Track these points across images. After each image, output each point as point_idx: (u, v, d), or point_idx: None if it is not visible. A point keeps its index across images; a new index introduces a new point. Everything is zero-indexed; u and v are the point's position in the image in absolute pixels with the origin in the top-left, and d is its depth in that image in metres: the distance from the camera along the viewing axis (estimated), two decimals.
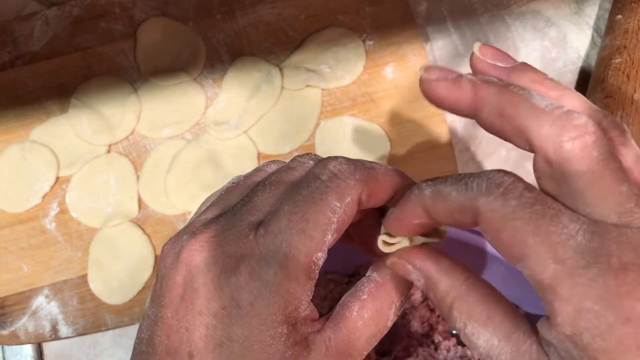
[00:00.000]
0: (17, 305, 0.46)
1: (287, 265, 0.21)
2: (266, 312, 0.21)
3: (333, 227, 0.21)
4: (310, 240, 0.21)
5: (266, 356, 0.21)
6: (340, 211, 0.21)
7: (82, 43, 0.50)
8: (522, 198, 0.18)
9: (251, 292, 0.21)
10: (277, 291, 0.21)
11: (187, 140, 0.48)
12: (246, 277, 0.21)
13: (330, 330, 0.22)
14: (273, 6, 0.50)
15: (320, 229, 0.21)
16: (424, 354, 0.38)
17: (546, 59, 0.52)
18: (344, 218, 0.22)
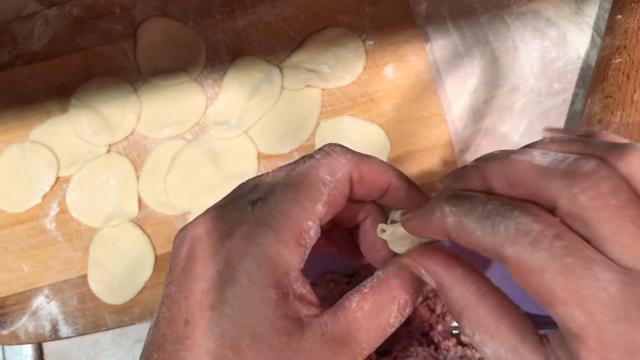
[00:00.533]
0: (17, 305, 0.46)
1: (277, 229, 0.22)
2: (255, 272, 0.21)
3: (323, 199, 0.22)
4: (301, 207, 0.22)
5: (255, 321, 0.21)
6: (330, 185, 0.22)
7: (82, 43, 0.50)
8: (552, 249, 0.18)
9: (243, 253, 0.22)
10: (267, 252, 0.21)
11: (187, 140, 0.48)
12: (239, 239, 0.22)
13: (327, 317, 0.22)
14: (273, 6, 0.50)
15: (310, 199, 0.22)
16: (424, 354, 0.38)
17: (546, 59, 0.52)
18: (335, 192, 0.23)
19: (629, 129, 0.43)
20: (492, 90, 0.51)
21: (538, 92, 0.51)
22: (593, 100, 0.46)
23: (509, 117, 0.51)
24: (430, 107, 0.48)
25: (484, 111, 0.51)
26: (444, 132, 0.48)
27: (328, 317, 0.22)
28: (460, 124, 0.50)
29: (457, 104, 0.51)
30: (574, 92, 0.51)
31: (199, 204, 0.47)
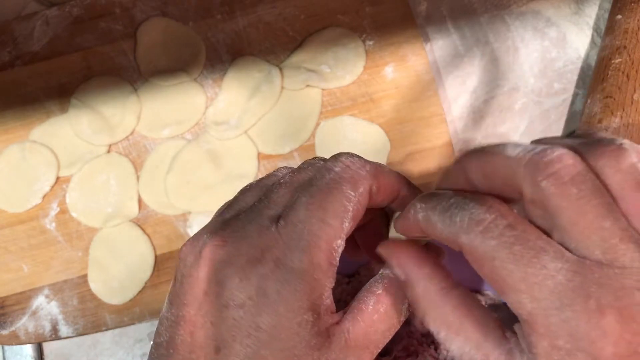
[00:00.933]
0: (17, 305, 0.46)
1: (310, 252, 0.21)
2: (293, 298, 0.21)
3: (349, 215, 0.22)
4: (330, 227, 0.22)
5: (292, 344, 0.21)
6: (354, 200, 0.22)
7: (82, 43, 0.50)
8: (502, 237, 0.18)
9: (277, 279, 0.21)
10: (303, 278, 0.21)
11: (187, 140, 0.48)
12: (271, 265, 0.21)
13: (348, 323, 0.22)
14: (273, 6, 0.50)
15: (338, 217, 0.22)
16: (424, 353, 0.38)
17: (546, 59, 0.52)
18: (358, 207, 0.22)
19: (629, 129, 0.43)
20: (492, 90, 0.51)
21: (538, 92, 0.51)
22: (593, 100, 0.46)
23: (509, 117, 0.51)
24: (430, 107, 0.48)
25: (484, 111, 0.51)
26: (444, 132, 0.48)
27: (349, 324, 0.22)
28: (460, 124, 0.50)
29: (457, 104, 0.51)
30: (574, 92, 0.51)
31: (199, 204, 0.47)
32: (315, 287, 0.22)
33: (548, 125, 0.50)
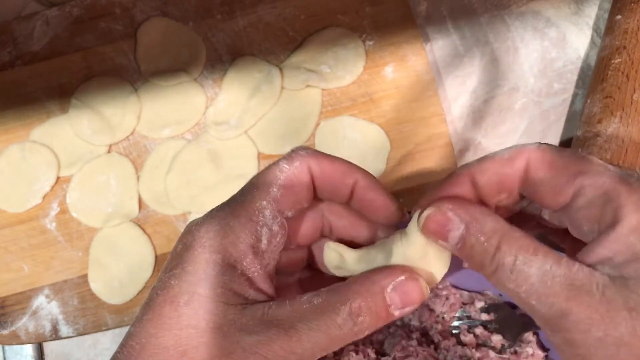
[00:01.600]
0: (17, 305, 0.46)
1: (234, 206, 0.24)
2: (206, 238, 0.24)
3: (279, 183, 0.24)
4: (256, 189, 0.25)
5: (196, 280, 0.23)
6: (287, 170, 0.25)
7: (83, 43, 0.50)
8: None
9: (203, 222, 0.24)
10: (219, 222, 0.24)
11: (187, 140, 0.48)
12: (207, 216, 0.25)
13: (274, 303, 0.23)
14: (273, 6, 0.50)
15: (266, 183, 0.25)
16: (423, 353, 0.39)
17: (546, 59, 0.52)
18: (292, 178, 0.25)
19: (629, 129, 0.43)
20: (492, 90, 0.51)
21: (538, 92, 0.51)
22: (593, 101, 0.46)
23: (509, 117, 0.51)
24: (430, 107, 0.48)
25: (484, 111, 0.51)
26: (444, 132, 0.48)
27: (274, 303, 0.23)
28: (460, 124, 0.51)
29: (457, 104, 0.51)
30: (574, 92, 0.51)
31: (199, 204, 0.47)
32: (228, 234, 0.23)
33: (548, 125, 0.51)
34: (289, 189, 0.25)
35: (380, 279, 0.23)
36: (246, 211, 0.24)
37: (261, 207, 0.24)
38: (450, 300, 0.41)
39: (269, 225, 0.24)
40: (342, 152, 0.47)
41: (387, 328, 0.41)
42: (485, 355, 0.39)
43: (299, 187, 0.25)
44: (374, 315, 0.23)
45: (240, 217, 0.24)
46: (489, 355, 0.39)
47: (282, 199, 0.24)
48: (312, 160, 0.25)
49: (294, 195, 0.25)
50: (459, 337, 0.41)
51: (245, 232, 0.24)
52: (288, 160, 0.25)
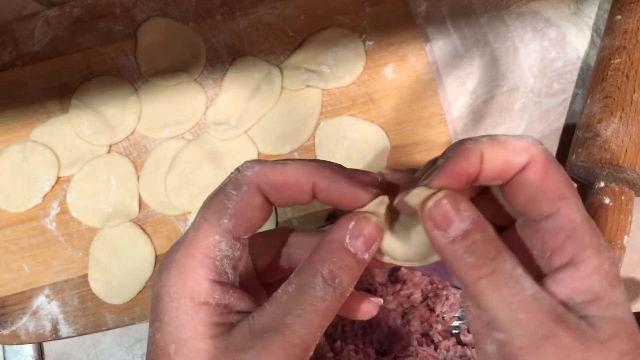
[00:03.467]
0: (17, 305, 0.46)
1: (187, 245, 0.24)
2: (171, 285, 0.23)
3: (229, 212, 0.24)
4: (207, 223, 0.24)
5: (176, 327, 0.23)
6: (236, 198, 0.24)
7: (83, 43, 0.50)
8: None
9: (162, 268, 0.24)
10: (177, 265, 0.23)
11: (187, 141, 0.48)
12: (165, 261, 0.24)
13: (255, 312, 0.23)
14: (273, 7, 0.50)
15: (215, 214, 0.24)
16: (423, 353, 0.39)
17: (545, 59, 0.52)
18: (242, 204, 0.24)
19: (629, 129, 0.43)
20: (491, 90, 0.51)
21: (537, 92, 0.51)
22: (592, 101, 0.46)
23: (509, 117, 0.51)
24: (430, 107, 0.48)
25: (484, 111, 0.51)
26: (443, 132, 0.48)
27: (255, 312, 0.23)
28: (460, 124, 0.51)
29: (457, 104, 0.51)
30: (574, 92, 0.51)
31: (199, 204, 0.46)
32: (189, 276, 0.23)
33: (547, 125, 0.51)
34: (240, 217, 0.24)
35: (334, 236, 0.23)
36: (201, 249, 0.24)
37: (215, 241, 0.24)
38: (450, 300, 0.41)
39: (228, 255, 0.24)
40: (342, 152, 0.47)
41: (387, 328, 0.41)
42: None
43: (250, 212, 0.24)
44: (347, 270, 0.23)
45: (196, 256, 0.23)
46: None
47: (236, 228, 0.24)
48: (260, 179, 0.24)
49: (248, 221, 0.24)
50: (459, 337, 0.41)
51: (204, 270, 0.23)
52: (234, 185, 0.24)
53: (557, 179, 0.23)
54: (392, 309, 0.41)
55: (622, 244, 0.44)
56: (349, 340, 0.40)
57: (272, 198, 0.25)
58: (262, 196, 0.24)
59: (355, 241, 0.23)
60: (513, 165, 0.23)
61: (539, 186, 0.23)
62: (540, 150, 0.23)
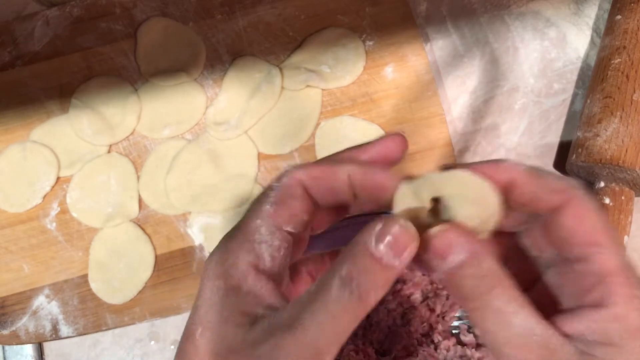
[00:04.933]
0: (17, 305, 0.46)
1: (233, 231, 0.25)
2: (210, 267, 0.24)
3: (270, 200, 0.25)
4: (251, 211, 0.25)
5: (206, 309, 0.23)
6: (278, 189, 0.25)
7: (83, 43, 0.50)
8: None
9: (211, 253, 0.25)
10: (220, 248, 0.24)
11: (187, 140, 0.48)
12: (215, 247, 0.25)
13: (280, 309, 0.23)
14: (273, 6, 0.50)
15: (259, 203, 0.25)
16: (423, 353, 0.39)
17: (546, 59, 0.52)
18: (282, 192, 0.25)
19: (629, 129, 0.43)
20: (491, 90, 0.51)
21: (538, 92, 0.51)
22: (592, 101, 0.46)
23: (509, 117, 0.51)
24: (430, 108, 0.48)
25: (484, 111, 0.51)
26: (443, 132, 0.48)
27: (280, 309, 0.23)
28: (460, 124, 0.51)
29: (457, 104, 0.51)
30: (574, 92, 0.51)
31: (199, 204, 0.47)
32: (227, 257, 0.24)
33: (547, 125, 0.51)
34: (281, 204, 0.25)
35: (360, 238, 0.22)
36: (242, 232, 0.24)
37: (256, 225, 0.24)
38: (450, 300, 0.41)
39: (268, 241, 0.24)
40: None
41: (387, 328, 0.41)
42: (485, 355, 0.39)
43: (291, 200, 0.25)
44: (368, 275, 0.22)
45: (237, 238, 0.24)
46: (488, 355, 0.39)
47: (277, 215, 0.25)
48: (300, 172, 0.25)
49: (288, 209, 0.25)
50: (459, 337, 0.41)
51: (242, 252, 0.24)
52: (277, 179, 0.25)
53: (592, 225, 0.23)
54: (392, 309, 0.41)
55: (622, 244, 0.44)
56: (349, 340, 0.40)
57: (312, 191, 0.25)
58: (302, 188, 0.25)
59: (380, 245, 0.22)
60: (545, 203, 0.23)
61: (572, 230, 0.23)
62: (577, 193, 0.23)
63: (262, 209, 0.25)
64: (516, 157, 0.50)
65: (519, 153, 0.50)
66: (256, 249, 0.24)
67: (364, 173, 0.25)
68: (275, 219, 0.24)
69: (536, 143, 0.50)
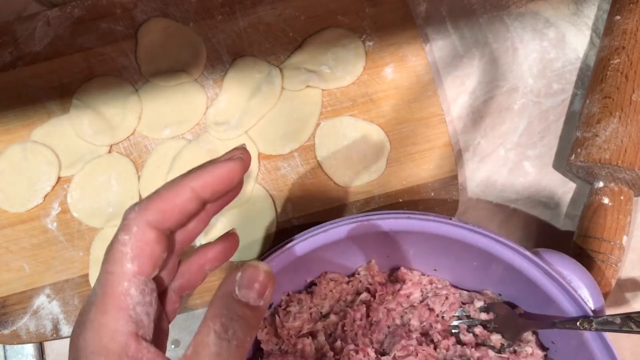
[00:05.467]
0: (18, 305, 0.46)
1: (97, 303, 0.23)
2: (84, 344, 0.23)
3: (129, 257, 0.24)
4: (111, 275, 0.24)
5: None
6: (130, 241, 0.24)
7: (83, 44, 0.50)
8: None
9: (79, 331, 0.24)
10: (91, 325, 0.23)
11: (187, 141, 0.48)
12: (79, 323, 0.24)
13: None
14: (273, 7, 0.50)
15: (116, 263, 0.24)
16: (423, 353, 0.39)
17: (545, 60, 0.52)
18: (139, 244, 0.24)
19: (627, 129, 0.44)
20: (491, 90, 0.51)
21: (537, 93, 0.51)
22: (592, 101, 0.47)
23: (508, 118, 0.51)
24: (429, 108, 0.48)
25: (483, 111, 0.51)
26: (443, 132, 0.48)
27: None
28: (459, 124, 0.51)
29: (457, 104, 0.51)
30: (573, 93, 0.51)
31: None
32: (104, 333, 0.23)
33: (547, 125, 0.51)
34: (141, 257, 0.24)
35: (224, 290, 0.23)
36: (112, 302, 0.23)
37: (123, 289, 0.23)
38: (449, 299, 0.42)
39: (140, 302, 0.24)
40: (342, 153, 0.47)
41: (387, 327, 0.41)
42: (484, 355, 0.39)
43: (149, 249, 0.24)
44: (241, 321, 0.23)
45: (109, 311, 0.23)
46: (488, 354, 0.39)
47: (141, 270, 0.24)
48: (145, 214, 0.24)
49: (150, 259, 0.24)
50: (458, 336, 0.41)
51: (119, 324, 0.23)
52: (125, 230, 0.24)
53: None
54: (392, 309, 0.41)
55: (621, 243, 0.44)
56: (349, 340, 0.40)
57: (166, 225, 0.25)
58: (155, 229, 0.24)
59: (246, 291, 0.23)
60: None
61: None
62: None
63: (123, 270, 0.24)
64: (516, 158, 0.50)
65: (518, 153, 0.50)
66: (132, 316, 0.23)
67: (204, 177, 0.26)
68: (142, 274, 0.24)
69: (535, 143, 0.50)
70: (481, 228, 0.35)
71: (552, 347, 0.39)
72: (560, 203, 0.49)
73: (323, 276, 0.42)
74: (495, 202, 0.49)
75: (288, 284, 0.41)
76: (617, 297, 0.46)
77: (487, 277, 0.39)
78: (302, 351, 0.39)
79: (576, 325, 0.34)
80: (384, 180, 0.47)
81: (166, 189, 0.25)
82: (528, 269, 0.35)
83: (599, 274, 0.43)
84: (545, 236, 0.49)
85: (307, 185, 0.47)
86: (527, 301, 0.39)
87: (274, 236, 0.46)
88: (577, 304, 0.34)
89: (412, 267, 0.43)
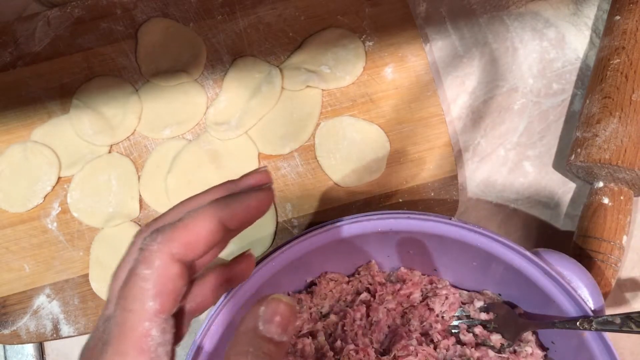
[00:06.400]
0: (18, 305, 0.46)
1: (115, 344, 0.22)
2: None
3: (150, 294, 0.22)
4: (131, 313, 0.22)
5: None
6: (153, 276, 0.22)
7: (84, 44, 0.50)
8: None
9: None
10: None
11: (187, 141, 0.48)
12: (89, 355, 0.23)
13: None
14: (273, 7, 0.50)
15: (137, 301, 0.22)
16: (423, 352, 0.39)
17: (545, 60, 0.52)
18: (162, 280, 0.22)
19: (627, 129, 0.44)
20: (491, 90, 0.51)
21: (537, 93, 0.51)
22: (592, 101, 0.47)
23: (508, 118, 0.51)
24: (429, 108, 0.48)
25: (483, 111, 0.51)
26: (443, 132, 0.48)
27: None
28: (459, 124, 0.51)
29: (456, 104, 0.51)
30: (573, 93, 0.51)
31: None
32: None
33: (547, 125, 0.51)
34: (164, 294, 0.22)
35: (248, 325, 0.22)
36: (132, 343, 0.22)
37: (145, 330, 0.22)
38: (449, 299, 0.42)
39: (162, 342, 0.22)
40: (342, 152, 0.47)
41: (387, 327, 0.41)
42: (484, 355, 0.39)
43: (172, 285, 0.23)
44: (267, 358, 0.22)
45: (129, 353, 0.22)
46: (488, 354, 0.39)
47: (163, 307, 0.22)
48: (169, 248, 0.23)
49: (173, 294, 0.23)
50: (458, 336, 0.41)
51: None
52: (146, 264, 0.22)
53: None
54: (392, 309, 0.41)
55: (621, 243, 0.44)
56: (349, 340, 0.40)
57: (190, 257, 0.23)
58: (179, 263, 0.23)
59: (269, 326, 0.22)
60: None
61: None
62: None
63: (145, 308, 0.22)
64: (516, 158, 0.50)
65: (518, 153, 0.50)
66: (153, 358, 0.22)
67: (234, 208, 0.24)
68: (163, 313, 0.22)
69: (535, 143, 0.50)
70: (481, 228, 0.35)
71: (552, 347, 0.39)
72: (560, 203, 0.49)
73: (323, 276, 0.42)
74: (495, 202, 0.49)
75: (288, 284, 0.41)
76: (617, 297, 0.46)
77: (487, 277, 0.39)
78: (302, 351, 0.39)
79: (576, 325, 0.34)
80: (384, 180, 0.47)
81: (192, 218, 0.23)
82: (528, 268, 0.35)
83: (599, 274, 0.43)
84: (545, 236, 0.49)
85: (307, 185, 0.47)
86: (527, 301, 0.39)
87: (274, 236, 0.46)
88: (577, 304, 0.34)
89: (412, 267, 0.43)
